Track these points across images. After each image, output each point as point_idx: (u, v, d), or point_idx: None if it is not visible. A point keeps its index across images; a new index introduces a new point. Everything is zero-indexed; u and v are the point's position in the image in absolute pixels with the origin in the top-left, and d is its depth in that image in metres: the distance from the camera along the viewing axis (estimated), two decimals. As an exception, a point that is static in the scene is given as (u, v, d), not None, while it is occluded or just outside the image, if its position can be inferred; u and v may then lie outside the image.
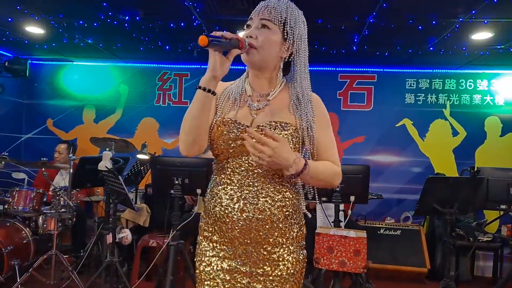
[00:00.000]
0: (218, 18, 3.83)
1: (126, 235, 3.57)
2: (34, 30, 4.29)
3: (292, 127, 1.31)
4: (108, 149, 3.51)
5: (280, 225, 1.31)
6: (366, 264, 2.57)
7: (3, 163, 3.58)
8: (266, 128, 1.24)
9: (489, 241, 4.18)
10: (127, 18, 3.87)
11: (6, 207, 3.66)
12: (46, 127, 5.65)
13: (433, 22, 3.68)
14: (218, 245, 1.34)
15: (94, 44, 4.71)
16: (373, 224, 4.41)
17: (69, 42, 4.65)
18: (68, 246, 4.19)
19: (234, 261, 1.32)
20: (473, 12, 3.41)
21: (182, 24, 3.96)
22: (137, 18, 3.86)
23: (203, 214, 1.41)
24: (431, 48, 4.36)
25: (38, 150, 5.32)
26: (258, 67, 1.35)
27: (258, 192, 1.29)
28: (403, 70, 5.30)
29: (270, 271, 1.31)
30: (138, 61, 5.53)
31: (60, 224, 3.57)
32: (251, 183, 1.30)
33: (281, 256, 1.32)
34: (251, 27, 1.33)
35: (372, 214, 4.99)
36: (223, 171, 1.33)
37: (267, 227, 1.30)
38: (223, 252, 1.33)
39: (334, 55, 4.76)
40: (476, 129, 5.15)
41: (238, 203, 1.29)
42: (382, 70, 5.33)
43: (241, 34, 1.36)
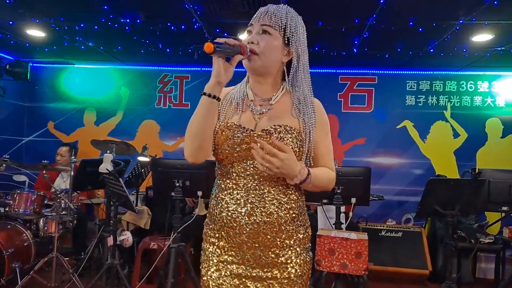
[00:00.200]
0: (219, 21, 3.83)
1: (127, 237, 3.56)
2: (35, 33, 4.30)
3: (295, 131, 1.32)
4: (109, 151, 3.51)
5: (288, 227, 1.32)
6: (367, 266, 2.56)
7: (4, 165, 3.59)
8: (275, 138, 1.25)
9: (491, 243, 4.17)
10: (128, 21, 3.88)
11: (7, 209, 3.67)
12: (47, 130, 5.66)
13: (433, 24, 3.68)
14: (225, 250, 1.33)
15: (95, 47, 4.72)
16: (374, 226, 4.40)
17: (70, 45, 4.66)
18: (69, 248, 4.20)
19: (242, 266, 1.32)
20: (473, 14, 3.41)
21: (183, 27, 3.97)
22: (138, 21, 3.87)
23: (207, 220, 1.40)
24: (432, 50, 4.36)
25: (39, 153, 5.32)
26: (260, 73, 1.36)
27: (264, 196, 1.30)
28: (403, 72, 5.30)
29: (279, 274, 1.32)
30: (138, 63, 5.54)
31: (61, 227, 3.58)
32: (257, 186, 1.30)
33: (289, 258, 1.32)
34: (252, 33, 1.33)
35: (373, 216, 4.98)
36: (228, 176, 1.33)
37: (275, 230, 1.30)
38: (231, 258, 1.32)
39: (334, 57, 4.76)
40: (477, 130, 5.15)
41: (245, 207, 1.29)
42: (382, 72, 5.33)
43: (242, 37, 1.36)
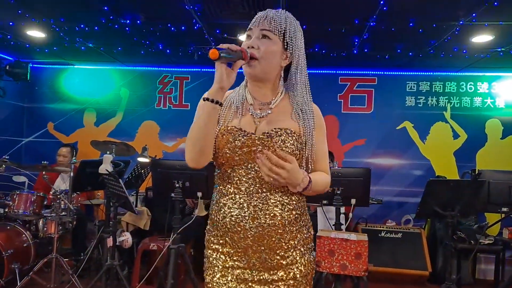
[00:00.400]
0: (219, 22, 3.83)
1: (127, 238, 3.56)
2: (35, 34, 4.30)
3: (296, 134, 1.32)
4: (108, 152, 3.51)
5: (292, 228, 1.33)
6: (367, 267, 2.56)
7: (3, 166, 3.59)
8: (280, 151, 1.25)
9: (490, 244, 4.17)
10: (128, 22, 3.88)
11: (6, 210, 3.67)
12: (46, 131, 5.66)
13: (433, 25, 3.68)
14: (230, 256, 1.33)
15: (95, 48, 4.72)
16: (374, 227, 4.40)
17: (70, 46, 4.66)
18: (68, 249, 4.19)
19: (248, 270, 1.32)
20: (473, 15, 3.41)
21: (183, 27, 3.97)
22: (138, 21, 3.87)
23: (209, 227, 1.40)
24: (432, 51, 4.36)
25: (38, 154, 5.32)
26: (259, 78, 1.36)
27: (267, 198, 1.30)
28: (403, 73, 5.30)
29: (285, 275, 1.32)
30: (138, 64, 5.54)
31: (60, 228, 3.57)
32: (259, 189, 1.30)
33: (294, 259, 1.33)
34: (251, 37, 1.34)
35: (373, 217, 4.98)
36: (229, 181, 1.33)
37: (280, 231, 1.30)
38: (236, 263, 1.32)
39: (334, 58, 4.76)
40: (477, 131, 5.15)
41: (249, 211, 1.29)
42: (382, 73, 5.33)
43: (242, 38, 1.37)
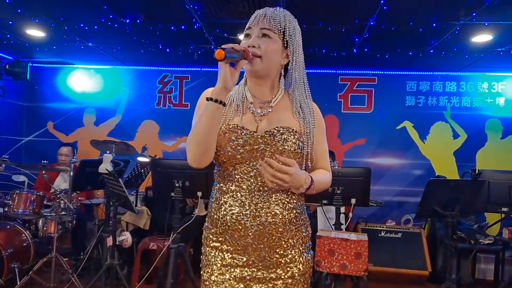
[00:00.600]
0: (219, 21, 3.83)
1: (126, 237, 3.56)
2: (35, 33, 4.30)
3: (297, 133, 1.33)
4: (108, 151, 3.50)
5: (291, 226, 1.33)
6: (367, 267, 2.56)
7: (3, 165, 3.58)
8: (280, 156, 1.26)
9: (490, 243, 4.16)
10: (128, 21, 3.88)
11: (6, 209, 3.66)
12: (46, 130, 5.65)
13: (433, 25, 3.68)
14: (229, 254, 1.32)
15: (94, 47, 4.72)
16: (374, 226, 4.39)
17: (69, 45, 4.66)
18: (68, 249, 4.19)
19: (247, 268, 1.31)
20: (473, 14, 3.41)
21: (183, 27, 3.97)
22: (137, 21, 3.86)
23: (207, 225, 1.39)
24: (432, 50, 4.36)
25: (38, 153, 5.32)
26: (260, 75, 1.36)
27: (268, 196, 1.30)
28: (403, 73, 5.30)
29: (283, 273, 1.32)
30: (138, 63, 5.53)
31: (60, 227, 3.57)
32: (261, 188, 1.30)
33: (293, 258, 1.33)
34: (251, 36, 1.33)
35: (373, 217, 4.98)
36: (230, 179, 1.33)
37: (280, 230, 1.31)
38: (235, 261, 1.32)
39: (334, 57, 4.76)
40: (477, 131, 5.15)
41: (250, 209, 1.29)
42: (382, 72, 5.33)
43: (242, 37, 1.37)
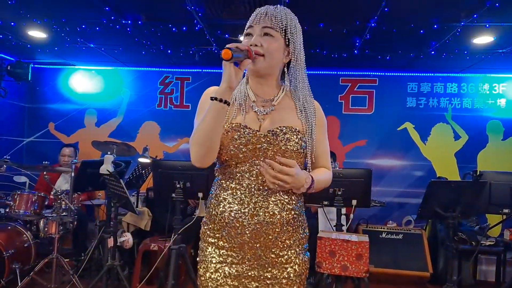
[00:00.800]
0: (220, 23, 3.84)
1: (127, 238, 3.56)
2: (37, 34, 4.31)
3: (300, 133, 1.33)
4: (109, 152, 3.50)
5: (289, 227, 1.33)
6: (368, 268, 2.55)
7: (4, 166, 3.58)
8: (281, 157, 1.25)
9: (491, 245, 4.15)
10: (129, 22, 3.88)
11: (7, 210, 3.66)
12: (48, 131, 5.66)
13: (434, 26, 3.68)
14: (225, 251, 1.32)
15: (96, 48, 4.73)
16: (375, 228, 4.39)
17: (71, 46, 4.67)
18: (69, 249, 4.19)
19: (241, 266, 1.31)
20: (474, 16, 3.41)
21: (184, 28, 3.97)
22: (139, 22, 3.87)
23: (206, 220, 1.39)
24: (433, 52, 4.36)
25: (39, 154, 5.32)
26: (262, 74, 1.36)
27: (267, 196, 1.30)
28: (404, 74, 5.30)
29: (279, 274, 1.32)
30: (139, 65, 5.54)
31: (61, 228, 3.57)
32: (261, 187, 1.30)
33: (289, 258, 1.33)
34: (252, 35, 1.33)
35: (374, 218, 4.96)
36: (231, 176, 1.33)
37: (277, 230, 1.31)
38: (230, 258, 1.32)
39: (335, 59, 4.76)
40: (478, 132, 5.15)
41: (249, 207, 1.29)
42: (383, 73, 5.33)
43: (241, 38, 1.37)
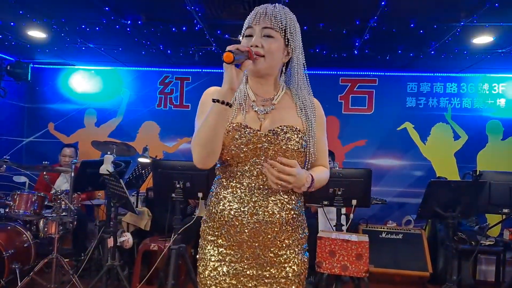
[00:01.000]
0: (220, 23, 3.84)
1: (127, 238, 3.56)
2: (36, 34, 4.31)
3: (301, 132, 1.33)
4: (109, 152, 3.50)
5: (288, 227, 1.33)
6: (368, 268, 2.56)
7: (4, 166, 3.58)
8: (282, 158, 1.25)
9: (491, 245, 4.16)
10: (129, 22, 3.88)
11: (7, 210, 3.66)
12: (47, 131, 5.66)
13: (434, 26, 3.68)
14: (224, 249, 1.33)
15: (95, 48, 4.72)
16: (374, 228, 4.39)
17: (71, 46, 4.67)
18: (69, 249, 4.19)
19: (240, 264, 1.32)
20: (474, 16, 3.41)
21: (184, 28, 3.97)
22: (139, 22, 3.87)
23: (206, 218, 1.40)
24: (433, 52, 4.36)
25: (39, 154, 5.31)
26: (263, 74, 1.36)
27: (268, 195, 1.30)
28: (404, 74, 5.30)
29: (277, 273, 1.32)
30: (139, 65, 5.54)
31: (61, 228, 3.56)
32: (261, 186, 1.30)
33: (287, 258, 1.33)
34: (252, 36, 1.32)
35: (374, 218, 4.97)
36: (231, 175, 1.33)
37: (276, 229, 1.31)
38: (229, 257, 1.32)
39: (335, 59, 4.76)
40: (478, 132, 5.15)
41: (248, 206, 1.29)
42: (383, 73, 5.33)
43: (240, 38, 1.37)
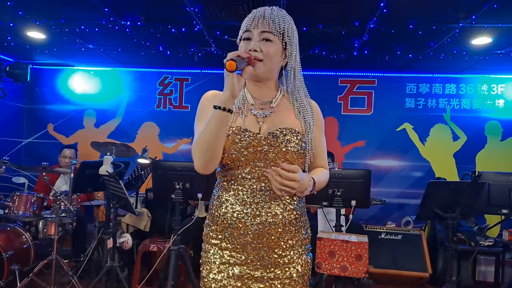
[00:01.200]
0: (219, 24, 3.84)
1: (127, 239, 3.56)
2: (36, 35, 4.30)
3: (300, 134, 1.34)
4: (109, 153, 3.50)
5: (291, 228, 1.33)
6: (367, 269, 2.56)
7: (3, 167, 3.58)
8: (285, 164, 1.24)
9: (490, 245, 4.17)
10: (128, 23, 3.88)
11: (6, 211, 3.66)
12: (46, 132, 5.65)
13: (433, 27, 3.69)
14: (228, 252, 1.33)
15: (95, 49, 4.72)
16: (374, 228, 4.39)
17: (70, 47, 4.66)
18: (68, 250, 4.18)
19: (245, 267, 1.32)
20: (473, 17, 3.42)
21: (183, 29, 3.98)
22: (138, 23, 3.87)
23: (208, 222, 1.40)
24: (431, 52, 4.37)
25: (38, 155, 5.30)
26: (261, 78, 1.37)
27: (270, 196, 1.31)
28: (403, 75, 5.31)
29: (281, 274, 1.32)
30: (139, 65, 5.54)
31: (60, 229, 3.56)
32: (263, 187, 1.31)
33: (291, 258, 1.33)
34: (250, 39, 1.32)
35: (373, 219, 4.98)
36: (233, 178, 1.33)
37: (280, 230, 1.31)
38: (233, 259, 1.32)
39: (334, 59, 4.76)
40: (477, 133, 5.16)
41: (251, 208, 1.30)
42: (382, 74, 5.34)
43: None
